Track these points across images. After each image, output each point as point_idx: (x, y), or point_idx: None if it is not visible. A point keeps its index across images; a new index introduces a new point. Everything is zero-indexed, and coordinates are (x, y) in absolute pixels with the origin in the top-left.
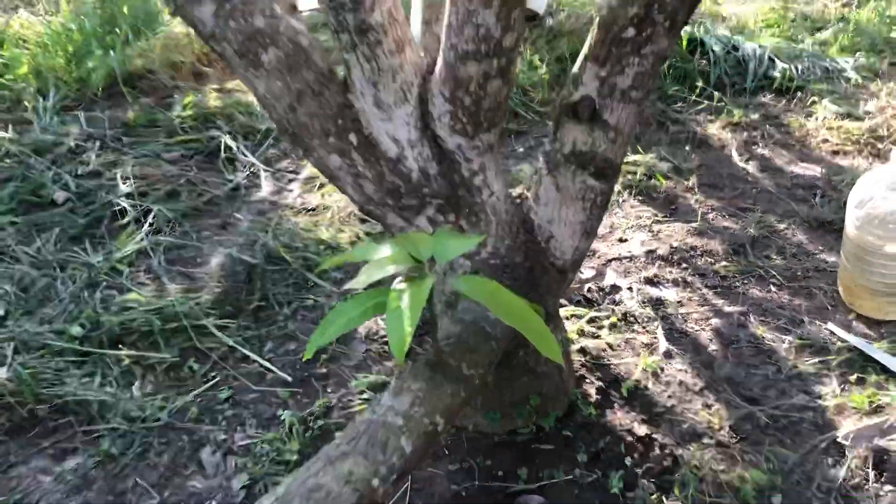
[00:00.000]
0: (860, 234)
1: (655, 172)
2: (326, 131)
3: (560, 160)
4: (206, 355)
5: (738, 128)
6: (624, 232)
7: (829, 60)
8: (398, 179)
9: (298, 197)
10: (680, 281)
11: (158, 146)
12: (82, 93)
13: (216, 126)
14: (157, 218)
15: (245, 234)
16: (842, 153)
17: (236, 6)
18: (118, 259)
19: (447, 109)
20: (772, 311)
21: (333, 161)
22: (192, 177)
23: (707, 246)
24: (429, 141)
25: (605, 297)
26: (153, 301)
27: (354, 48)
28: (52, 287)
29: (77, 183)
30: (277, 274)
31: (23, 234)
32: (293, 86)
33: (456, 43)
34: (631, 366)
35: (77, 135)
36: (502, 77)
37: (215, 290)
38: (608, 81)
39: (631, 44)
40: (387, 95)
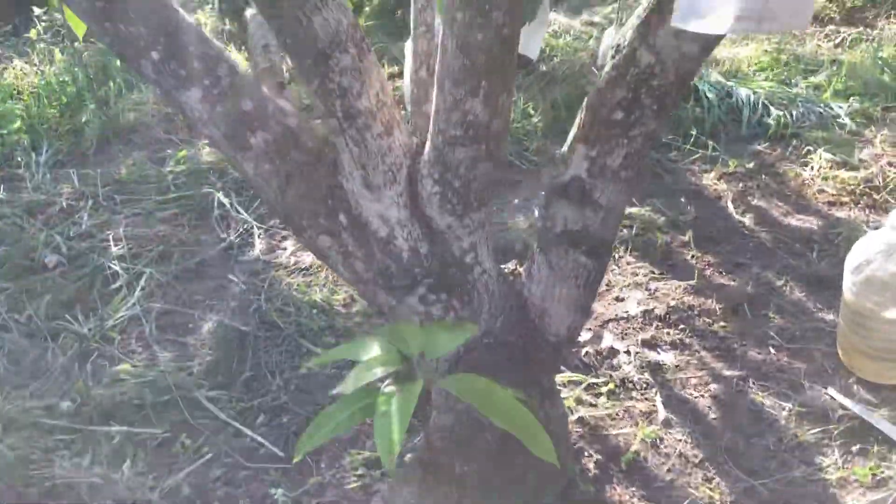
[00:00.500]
0: (858, 299)
1: (651, 227)
2: (316, 212)
3: (552, 239)
4: (197, 430)
5: (734, 178)
6: (620, 290)
7: (822, 106)
8: (388, 259)
9: (292, 255)
10: (678, 343)
11: (151, 203)
12: (75, 146)
13: (209, 182)
14: (149, 281)
15: (238, 297)
16: (838, 204)
17: (224, 91)
18: (110, 327)
19: (437, 191)
20: (771, 374)
21: (323, 241)
22: (184, 236)
23: (704, 305)
24: (419, 220)
25: (602, 361)
26: (145, 372)
27: (343, 132)
28: (43, 358)
29: (69, 245)
30: (270, 341)
31: (14, 301)
32: (282, 168)
33: (444, 129)
34: (630, 436)
35: (69, 193)
36: (490, 159)
37: (207, 358)
38: (598, 162)
39: (619, 126)
40: (376, 177)
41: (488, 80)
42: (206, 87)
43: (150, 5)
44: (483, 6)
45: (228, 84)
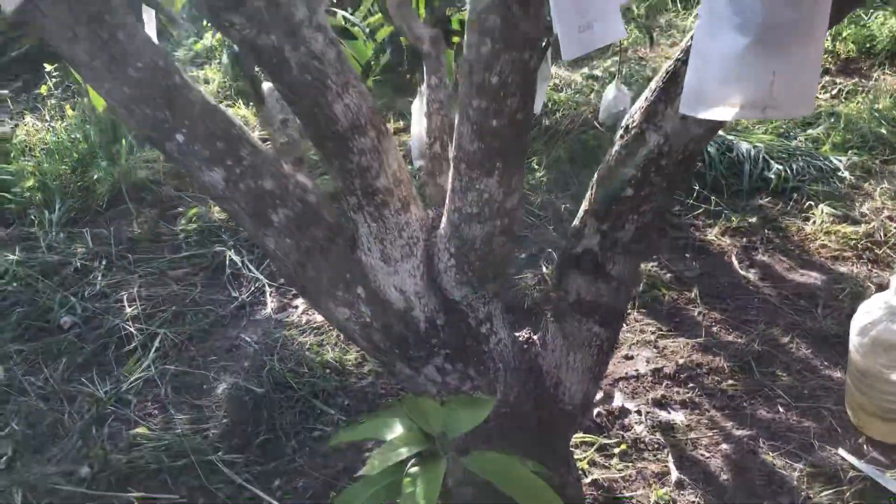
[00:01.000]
0: (865, 361)
1: (658, 283)
2: (334, 285)
3: (565, 309)
4: (214, 495)
5: (737, 233)
6: (629, 348)
7: (822, 159)
8: (406, 330)
9: (303, 314)
10: (688, 402)
11: (164, 263)
12: (87, 204)
13: (220, 240)
14: (164, 342)
15: (251, 358)
16: (841, 259)
17: (246, 170)
18: (125, 389)
19: (453, 264)
20: (781, 434)
21: (341, 313)
22: (197, 296)
23: (713, 363)
24: (435, 292)
25: (614, 421)
26: (161, 435)
27: (361, 209)
28: (60, 422)
29: (84, 306)
30: (284, 402)
31: (30, 363)
32: (302, 243)
33: (460, 206)
34: (643, 498)
35: (83, 253)
36: (505, 234)
37: (222, 421)
38: (609, 236)
39: (630, 202)
40: (393, 251)
41: (503, 161)
42: (229, 167)
43: (175, 89)
44: (498, 94)
45: (251, 163)
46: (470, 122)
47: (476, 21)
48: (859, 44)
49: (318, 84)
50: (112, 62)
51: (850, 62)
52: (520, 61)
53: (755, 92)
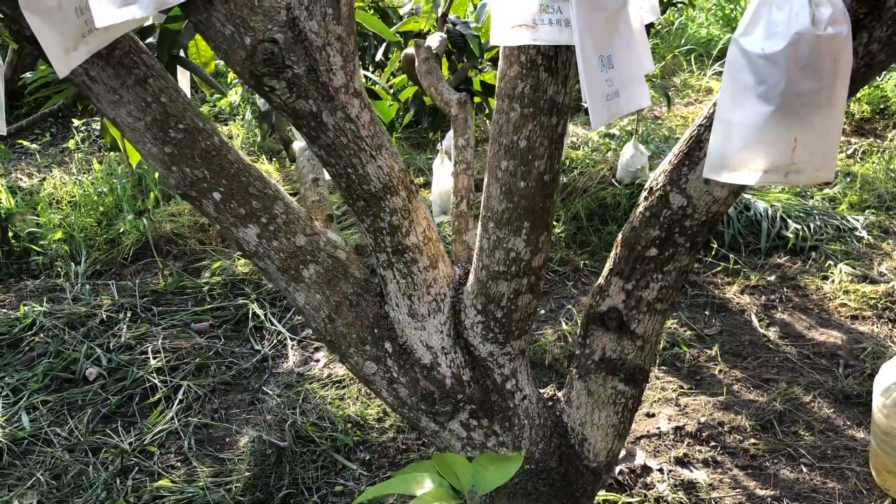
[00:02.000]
0: (889, 421)
1: (678, 340)
2: (363, 340)
3: (590, 366)
4: None
5: (756, 290)
6: (651, 406)
7: (839, 218)
8: (432, 385)
9: (325, 367)
10: (710, 461)
11: (187, 315)
12: (112, 258)
13: (243, 293)
14: (187, 395)
15: (273, 411)
16: (861, 318)
17: (280, 227)
18: (149, 441)
19: (479, 320)
20: (805, 495)
21: (369, 368)
22: (220, 348)
23: (734, 421)
24: (461, 348)
25: (636, 479)
26: (184, 487)
27: (391, 266)
28: (85, 474)
29: (108, 357)
30: (306, 456)
31: (55, 414)
32: (332, 298)
33: (488, 264)
34: None
35: (108, 305)
36: (531, 292)
37: (245, 474)
38: (634, 294)
39: (654, 262)
40: (421, 306)
41: (530, 221)
42: (263, 225)
43: (214, 150)
44: (526, 157)
45: (284, 221)
46: (499, 183)
47: (505, 87)
48: (874, 104)
49: (353, 146)
50: (154, 124)
51: (865, 122)
52: (548, 126)
53: (777, 157)
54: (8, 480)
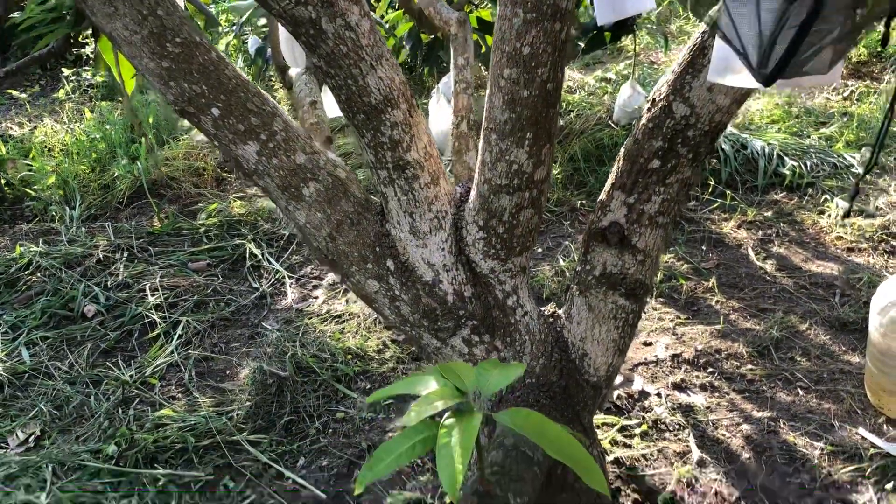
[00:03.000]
0: (884, 340)
1: (675, 273)
2: (364, 258)
3: (591, 282)
4: (240, 472)
5: (753, 226)
6: (648, 335)
7: (836, 156)
8: (434, 302)
9: (324, 304)
10: (707, 386)
11: (184, 255)
12: (107, 201)
13: (240, 233)
14: (186, 330)
15: (273, 344)
16: (857, 250)
17: (279, 144)
18: (149, 373)
19: (481, 237)
20: (801, 416)
21: (371, 286)
22: (218, 286)
23: (731, 349)
24: (463, 265)
25: (634, 403)
26: (186, 416)
27: (392, 182)
28: (87, 404)
29: (106, 295)
30: (307, 386)
31: (55, 350)
32: (333, 217)
33: (490, 177)
34: (665, 476)
35: (105, 245)
36: (533, 207)
37: (246, 403)
38: (635, 208)
39: (656, 174)
40: (422, 224)
41: (533, 132)
42: (263, 142)
43: (212, 65)
44: (529, 64)
45: (283, 139)
46: (501, 93)
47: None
48: (870, 48)
49: (352, 56)
50: (151, 37)
51: (862, 65)
52: (551, 32)
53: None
54: (10, 411)
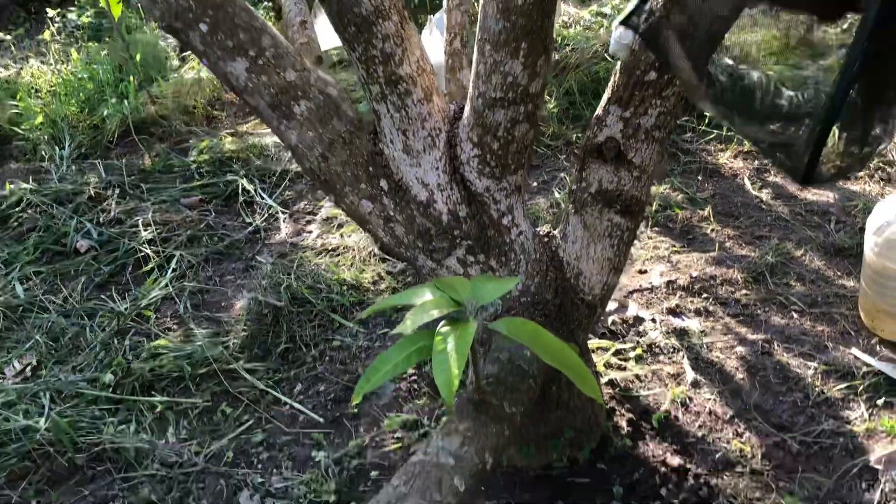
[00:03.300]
0: (880, 260)
1: (671, 203)
2: (357, 178)
3: (587, 199)
4: (237, 399)
5: (749, 156)
6: (643, 263)
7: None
8: (428, 222)
9: (318, 238)
10: (702, 310)
11: (176, 192)
12: (97, 140)
13: (232, 170)
14: (180, 263)
15: (268, 276)
16: (852, 178)
17: (268, 61)
18: (144, 306)
19: (475, 154)
20: (795, 337)
21: (364, 206)
22: (211, 221)
23: (726, 275)
24: (457, 184)
25: (629, 329)
26: (182, 346)
27: (384, 98)
28: (82, 335)
29: (99, 231)
30: (303, 316)
31: (48, 284)
32: (325, 136)
33: (484, 91)
34: (660, 396)
35: (96, 183)
36: (529, 121)
37: (242, 333)
38: (632, 122)
39: (653, 86)
40: (416, 142)
41: (528, 42)
42: (252, 58)
43: None
44: None
45: (273, 55)
46: (495, 1)
47: None
48: None
49: None
50: None
51: None
52: None
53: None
54: (6, 343)
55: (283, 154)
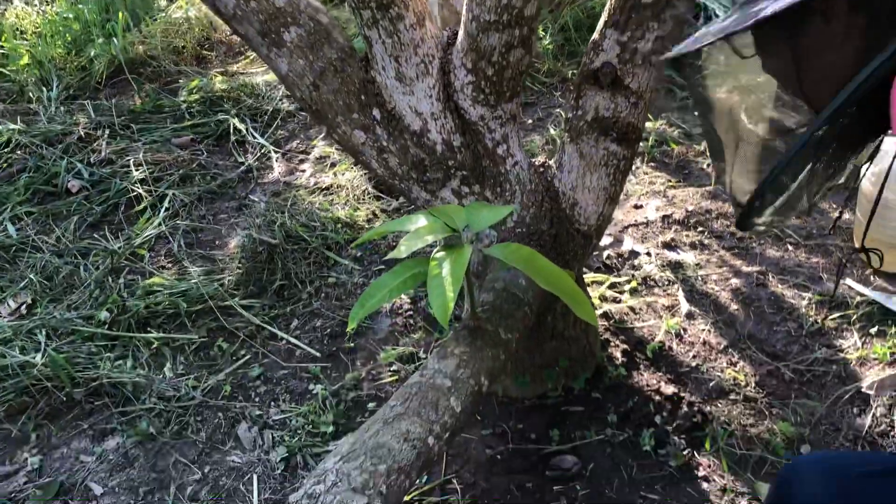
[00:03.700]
0: (875, 189)
1: (667, 138)
2: (350, 107)
3: (583, 127)
4: (234, 335)
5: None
6: (639, 198)
7: None
8: (422, 152)
9: (311, 177)
10: (697, 244)
11: (167, 132)
12: (85, 81)
13: (223, 109)
14: (173, 202)
15: (262, 215)
16: None
17: None
18: (138, 244)
19: (470, 80)
20: (790, 269)
21: (357, 137)
22: (203, 161)
23: (721, 209)
24: (451, 113)
25: (624, 262)
26: (177, 284)
27: (376, 23)
28: (76, 274)
29: (90, 171)
30: (298, 253)
31: (41, 224)
32: (316, 64)
33: (478, 14)
34: (654, 328)
35: (85, 123)
36: (524, 46)
37: (237, 270)
38: (629, 47)
39: (651, 9)
40: (408, 69)
41: None
42: None
43: None
44: None
45: None
46: None
47: None
48: None
49: None
50: None
51: None
52: None
53: None
54: (0, 283)
55: (274, 93)
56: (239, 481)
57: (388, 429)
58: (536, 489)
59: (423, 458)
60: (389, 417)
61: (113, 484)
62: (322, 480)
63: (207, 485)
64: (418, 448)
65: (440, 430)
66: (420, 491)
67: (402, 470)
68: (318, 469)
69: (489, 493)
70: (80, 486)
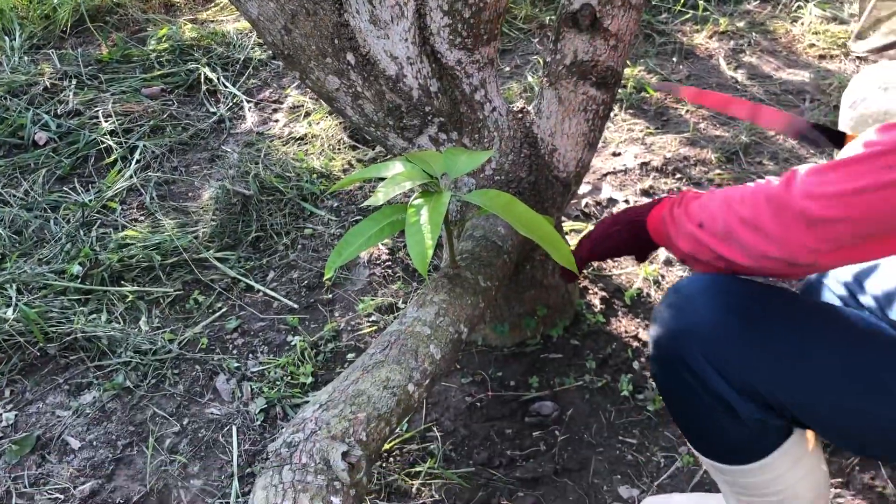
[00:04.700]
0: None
1: (645, 85)
2: (323, 52)
3: (561, 72)
4: (209, 287)
5: (725, 36)
6: (617, 146)
7: None
8: (398, 98)
9: (285, 127)
10: (676, 191)
11: (136, 82)
12: (49, 31)
13: (194, 58)
14: (144, 154)
15: (235, 166)
16: (829, 57)
17: None
18: (109, 197)
19: (446, 23)
20: None
21: (331, 82)
22: (174, 111)
23: (700, 155)
24: (428, 57)
25: (602, 210)
26: (150, 237)
27: None
28: (46, 228)
29: (57, 123)
30: (273, 205)
31: (7, 177)
32: (287, 6)
33: None
34: (632, 275)
35: (51, 73)
36: None
37: (211, 222)
38: None
39: None
40: (383, 11)
41: None
42: None
43: None
44: None
45: None
46: None
47: None
48: None
49: None
50: None
51: None
52: None
53: None
54: None
55: (245, 41)
56: (218, 433)
57: (367, 376)
58: (516, 435)
59: (403, 405)
60: (369, 365)
61: (90, 438)
62: (301, 429)
63: (186, 437)
64: (398, 395)
65: (420, 377)
66: (401, 439)
67: (381, 417)
68: (297, 418)
69: (469, 439)
70: (58, 441)
